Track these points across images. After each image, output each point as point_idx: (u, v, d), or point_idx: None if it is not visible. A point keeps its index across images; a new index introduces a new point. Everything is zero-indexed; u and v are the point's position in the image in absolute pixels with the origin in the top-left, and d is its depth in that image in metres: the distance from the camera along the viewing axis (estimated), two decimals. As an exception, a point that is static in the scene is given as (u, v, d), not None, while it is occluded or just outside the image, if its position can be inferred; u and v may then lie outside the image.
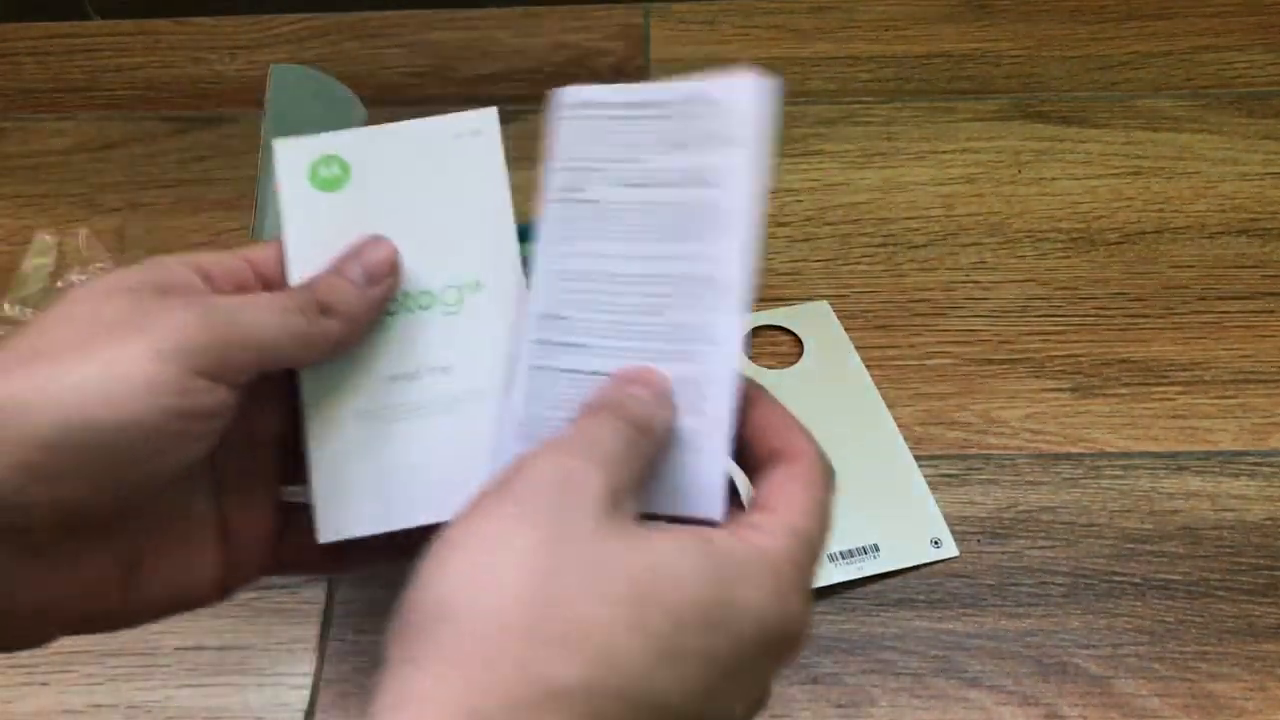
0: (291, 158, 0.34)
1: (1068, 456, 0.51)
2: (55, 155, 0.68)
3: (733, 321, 0.31)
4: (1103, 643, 0.45)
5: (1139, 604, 0.46)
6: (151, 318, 0.29)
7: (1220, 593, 0.47)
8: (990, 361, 0.55)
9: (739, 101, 0.32)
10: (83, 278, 0.58)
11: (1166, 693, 0.44)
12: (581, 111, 0.33)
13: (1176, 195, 0.62)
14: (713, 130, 0.32)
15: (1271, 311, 0.56)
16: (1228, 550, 0.48)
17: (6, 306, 0.57)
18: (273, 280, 0.33)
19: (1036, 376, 0.54)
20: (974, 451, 0.51)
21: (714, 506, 0.30)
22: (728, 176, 0.31)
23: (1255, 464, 0.51)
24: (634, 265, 0.32)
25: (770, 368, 0.55)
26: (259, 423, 0.33)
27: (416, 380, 0.34)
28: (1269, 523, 0.49)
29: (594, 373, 0.32)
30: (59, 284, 0.58)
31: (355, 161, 0.34)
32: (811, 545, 0.29)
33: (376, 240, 0.33)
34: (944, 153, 0.65)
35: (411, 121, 0.35)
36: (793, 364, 0.55)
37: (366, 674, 0.46)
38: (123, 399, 0.27)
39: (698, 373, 0.31)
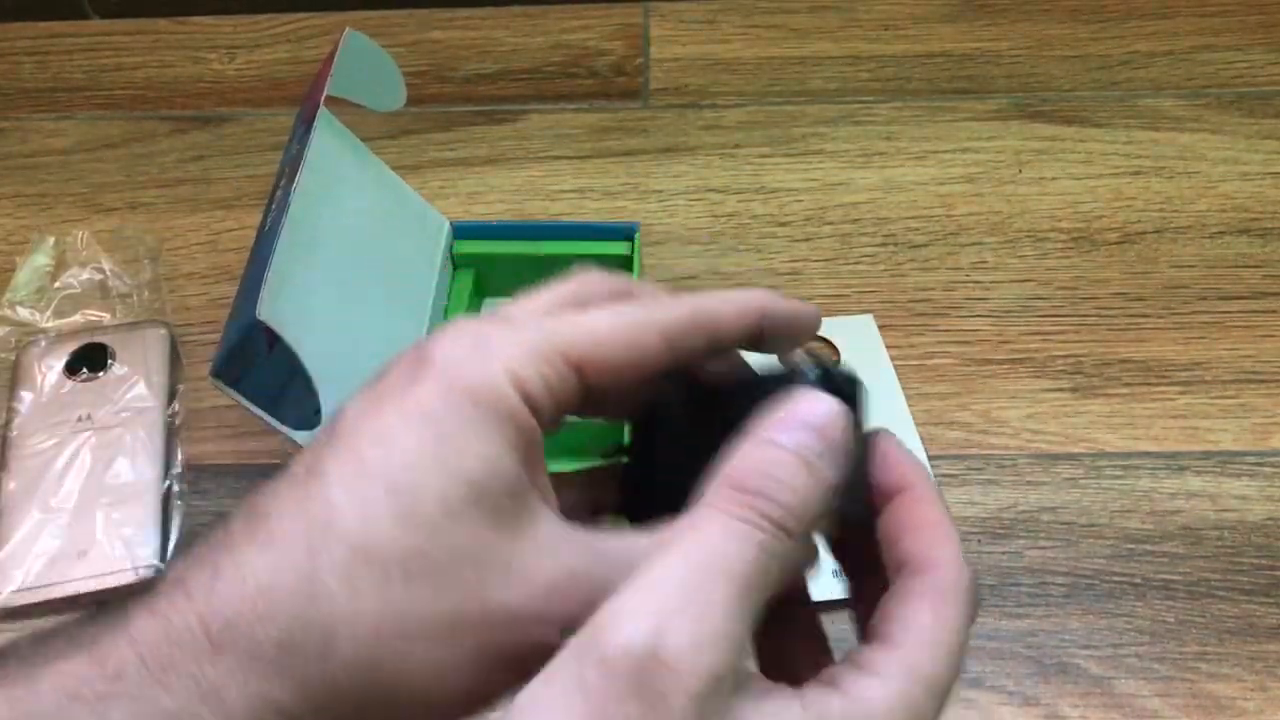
0: None
1: (1068, 456, 0.51)
2: (54, 155, 0.68)
3: None
4: (1103, 643, 0.45)
5: (1139, 604, 0.46)
6: None
7: (1221, 593, 0.46)
8: (990, 361, 0.55)
9: None
10: (82, 277, 0.58)
11: (1167, 693, 0.44)
12: None
13: (1177, 195, 0.61)
14: None
15: (1272, 311, 0.56)
16: (1228, 550, 0.48)
17: (5, 306, 0.57)
18: None
19: (1037, 376, 0.54)
20: (974, 451, 0.51)
21: None
22: None
23: (1256, 464, 0.50)
24: None
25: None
26: None
27: None
28: (1270, 523, 0.48)
29: None
30: (57, 284, 0.58)
31: None
32: (935, 691, 0.23)
33: None
34: (944, 152, 0.65)
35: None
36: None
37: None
38: None
39: None
